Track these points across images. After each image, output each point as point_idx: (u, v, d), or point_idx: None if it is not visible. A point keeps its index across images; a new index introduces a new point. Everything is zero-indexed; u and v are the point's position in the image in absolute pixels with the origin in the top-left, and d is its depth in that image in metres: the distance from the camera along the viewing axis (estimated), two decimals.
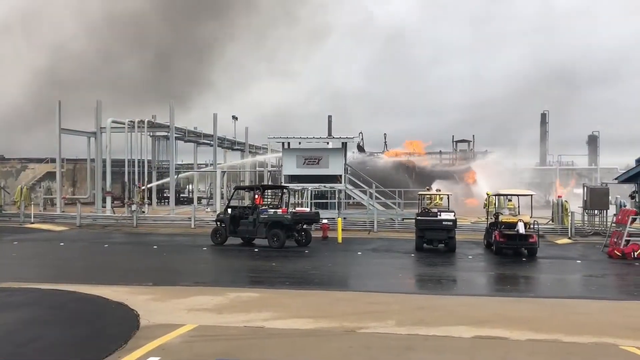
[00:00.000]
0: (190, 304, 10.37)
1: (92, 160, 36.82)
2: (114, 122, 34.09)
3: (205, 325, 8.87)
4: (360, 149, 47.87)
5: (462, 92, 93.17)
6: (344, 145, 29.14)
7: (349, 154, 31.46)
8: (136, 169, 33.84)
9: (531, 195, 20.52)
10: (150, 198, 37.28)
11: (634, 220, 19.00)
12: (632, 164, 23.12)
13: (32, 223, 28.52)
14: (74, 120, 36.34)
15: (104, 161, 34.07)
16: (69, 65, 63.65)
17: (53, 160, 38.63)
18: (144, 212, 30.00)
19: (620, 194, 29.10)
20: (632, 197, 23.01)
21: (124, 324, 8.83)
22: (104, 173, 33.75)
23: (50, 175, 43.43)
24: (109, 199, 32.84)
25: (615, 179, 24.66)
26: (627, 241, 18.33)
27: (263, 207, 21.52)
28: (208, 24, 72.37)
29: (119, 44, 65.59)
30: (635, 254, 17.91)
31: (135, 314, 9.43)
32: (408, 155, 46.01)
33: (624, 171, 25.37)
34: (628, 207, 22.86)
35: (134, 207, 28.99)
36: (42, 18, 67.53)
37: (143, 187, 32.19)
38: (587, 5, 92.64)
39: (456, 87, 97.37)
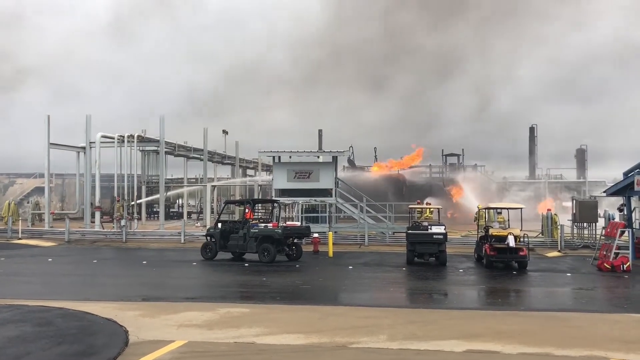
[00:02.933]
0: (180, 320, 10.28)
1: (81, 175, 36.61)
2: (103, 136, 33.92)
3: (195, 341, 8.79)
4: (351, 162, 48.01)
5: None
6: (335, 159, 29.22)
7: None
8: (125, 183, 33.65)
9: (521, 208, 20.62)
10: (139, 213, 37.03)
11: (622, 233, 19.14)
12: (620, 177, 23.33)
13: (20, 239, 28.22)
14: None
15: (93, 176, 33.86)
16: None
17: (41, 175, 38.35)
18: (124, 226, 29.00)
19: (609, 206, 29.34)
20: (620, 210, 23.20)
21: (113, 341, 8.74)
22: (93, 188, 33.52)
23: (39, 190, 43.05)
24: (97, 214, 32.57)
25: (604, 192, 24.86)
26: (616, 254, 18.45)
27: (253, 222, 21.45)
28: None
29: None
30: (625, 266, 18.02)
31: (124, 330, 9.33)
32: (398, 169, 46.19)
33: (612, 184, 25.59)
34: (617, 219, 23.06)
35: (123, 222, 28.73)
36: None
37: (120, 201, 31.93)
38: None
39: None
